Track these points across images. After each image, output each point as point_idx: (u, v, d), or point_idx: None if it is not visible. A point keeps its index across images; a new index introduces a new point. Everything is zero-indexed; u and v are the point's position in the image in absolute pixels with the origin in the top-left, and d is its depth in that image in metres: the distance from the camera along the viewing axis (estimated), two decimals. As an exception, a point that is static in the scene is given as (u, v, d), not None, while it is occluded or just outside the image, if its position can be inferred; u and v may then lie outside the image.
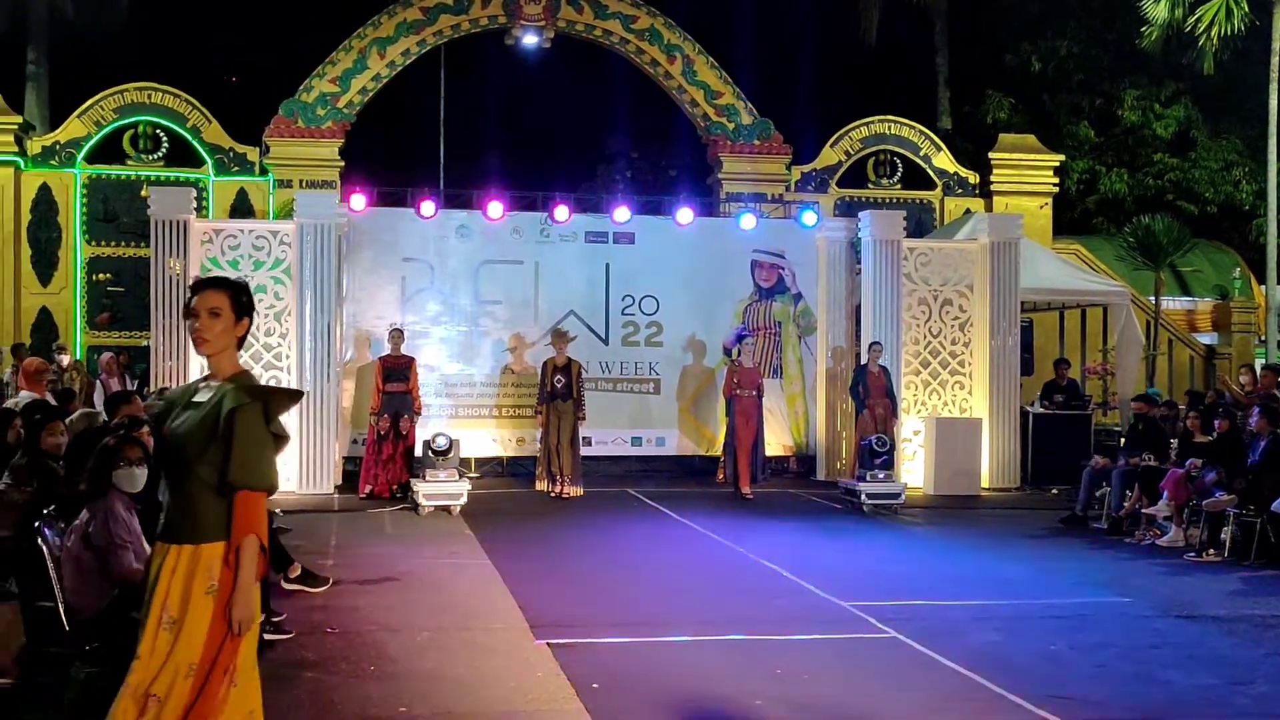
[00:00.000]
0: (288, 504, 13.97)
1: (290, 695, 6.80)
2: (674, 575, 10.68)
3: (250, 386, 4.57)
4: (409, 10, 20.49)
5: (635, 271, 17.52)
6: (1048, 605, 9.43)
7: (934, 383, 17.27)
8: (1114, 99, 28.26)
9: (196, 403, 4.54)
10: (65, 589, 6.21)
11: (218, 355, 4.63)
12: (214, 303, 4.60)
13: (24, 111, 21.87)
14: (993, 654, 7.85)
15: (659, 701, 6.78)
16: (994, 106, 28.18)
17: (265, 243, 15.72)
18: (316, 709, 6.62)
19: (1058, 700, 6.82)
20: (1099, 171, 28.42)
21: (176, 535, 4.52)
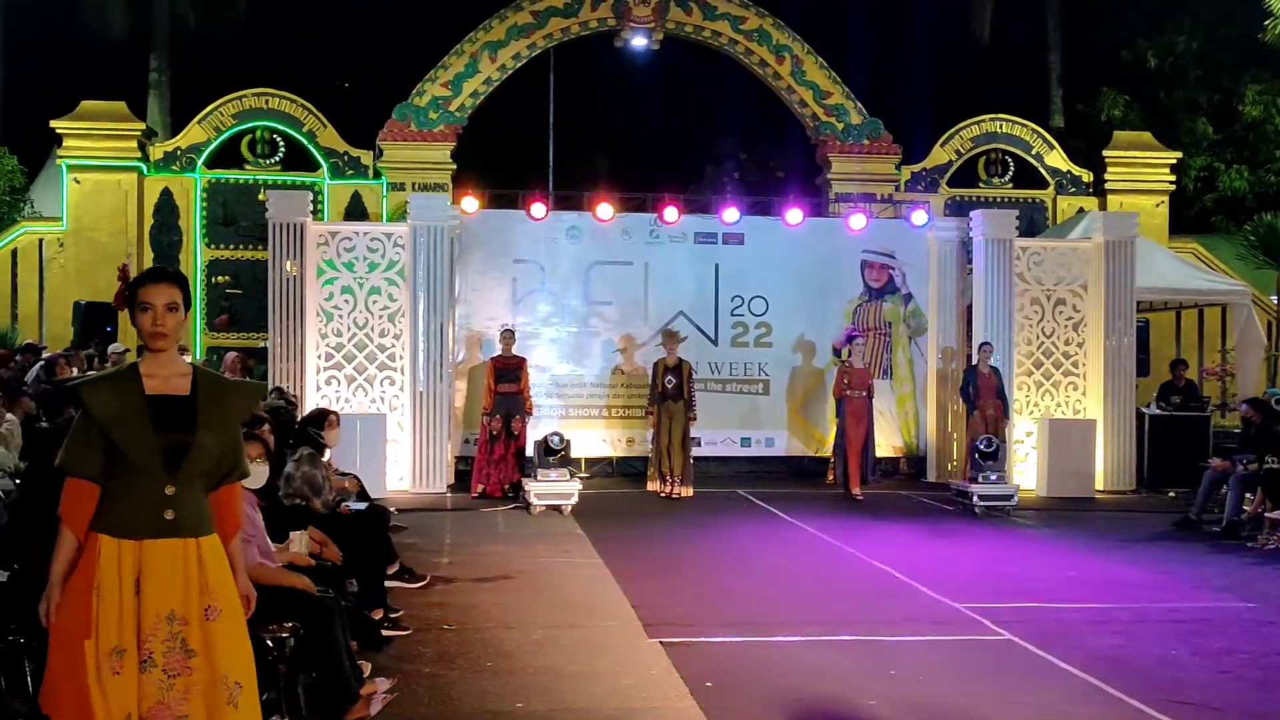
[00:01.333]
0: (402, 503, 14.20)
1: (409, 690, 6.93)
2: (785, 576, 10.66)
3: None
4: (520, 14, 20.67)
5: (744, 272, 17.51)
6: (1167, 609, 9.26)
7: (1047, 384, 17.02)
8: (1234, 94, 27.56)
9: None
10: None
11: (170, 350, 4.53)
12: (171, 296, 4.47)
13: (147, 118, 22.45)
14: (1111, 658, 7.74)
15: (772, 701, 6.78)
16: (1108, 104, 27.61)
17: (380, 245, 15.98)
18: (435, 703, 6.73)
19: (1180, 705, 6.71)
20: (1218, 169, 27.73)
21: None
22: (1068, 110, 27.28)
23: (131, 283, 4.58)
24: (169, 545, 4.37)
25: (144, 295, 4.46)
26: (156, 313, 4.44)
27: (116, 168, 20.23)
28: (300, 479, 8.65)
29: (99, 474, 4.38)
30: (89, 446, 4.37)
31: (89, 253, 20.07)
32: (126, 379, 4.48)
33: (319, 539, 7.84)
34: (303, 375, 15.61)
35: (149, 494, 4.37)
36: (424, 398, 15.67)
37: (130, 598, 4.33)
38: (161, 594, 4.33)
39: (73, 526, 4.37)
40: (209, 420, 4.48)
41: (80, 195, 20.18)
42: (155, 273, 4.56)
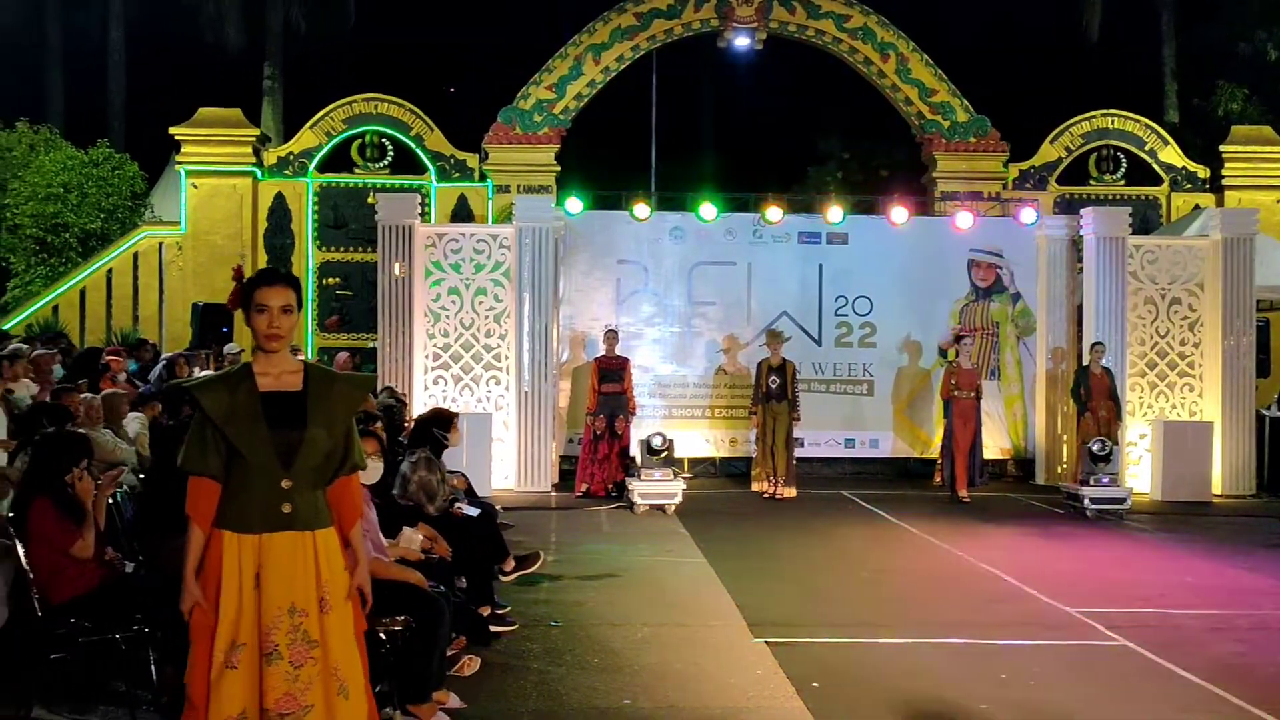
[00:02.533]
0: (507, 501, 14.32)
1: (517, 685, 7.00)
2: (890, 577, 10.58)
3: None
4: (623, 16, 20.74)
5: (848, 272, 17.40)
6: (1292, 617, 9.03)
7: (1161, 385, 16.67)
8: (1358, 87, 26.75)
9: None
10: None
11: (283, 350, 4.59)
12: (286, 299, 4.53)
13: (261, 124, 22.92)
14: (1232, 665, 7.56)
15: (880, 702, 6.74)
16: (1225, 98, 26.91)
17: (486, 246, 16.14)
18: (543, 698, 6.79)
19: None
20: (1342, 163, 26.93)
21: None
22: (1183, 105, 26.64)
23: (246, 284, 4.62)
24: (287, 538, 4.47)
25: (260, 297, 4.53)
26: (272, 315, 4.51)
27: (232, 173, 20.66)
28: (416, 483, 8.75)
29: (219, 472, 4.48)
30: (206, 445, 4.48)
31: (206, 255, 20.52)
32: (240, 378, 4.57)
33: (429, 535, 7.94)
34: (411, 375, 15.83)
35: (266, 489, 4.47)
36: (529, 397, 15.80)
37: (250, 592, 4.43)
38: (282, 587, 4.43)
39: (199, 523, 4.49)
40: (319, 414, 4.56)
41: (198, 200, 20.65)
42: (270, 274, 4.63)
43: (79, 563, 6.45)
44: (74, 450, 6.64)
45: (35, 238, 21.20)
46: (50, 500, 6.42)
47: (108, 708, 6.50)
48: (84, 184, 21.26)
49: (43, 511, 6.40)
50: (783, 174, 26.75)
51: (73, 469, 6.51)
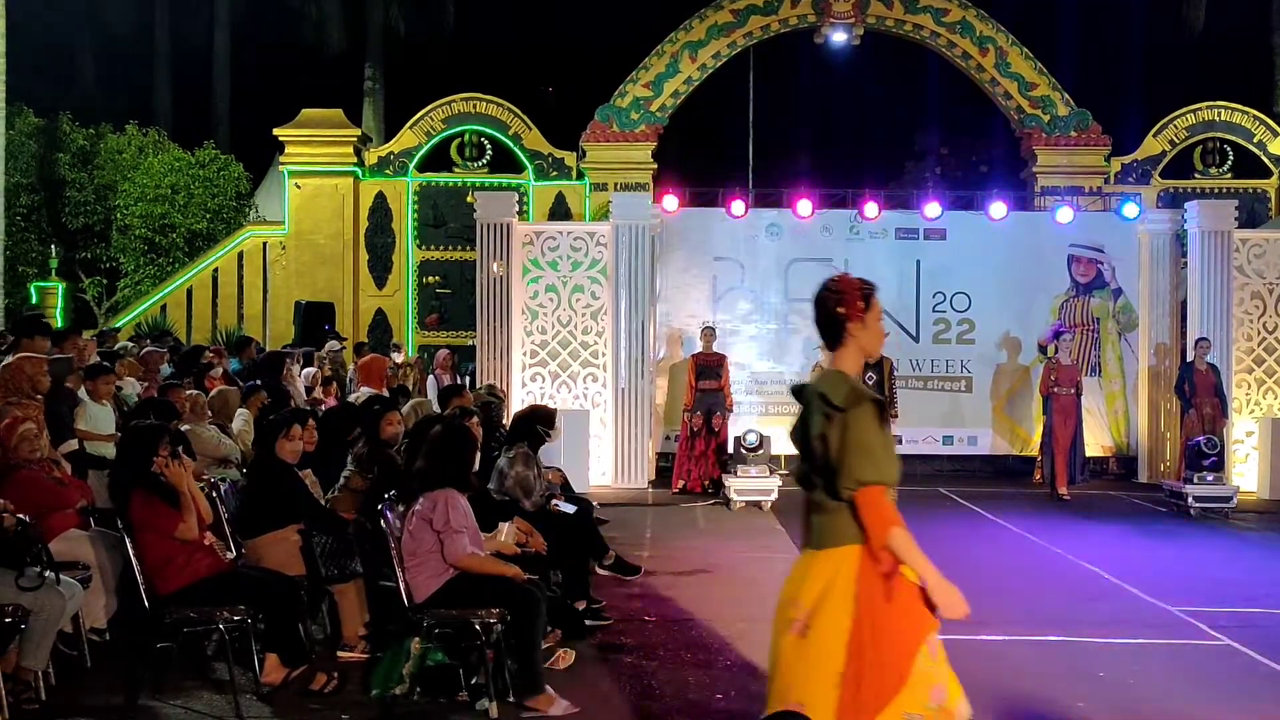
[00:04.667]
0: (604, 497, 14.42)
1: (612, 678, 7.08)
2: (988, 574, 10.45)
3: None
4: (719, 13, 20.75)
5: (946, 268, 17.26)
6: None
7: (1269, 381, 16.31)
8: None
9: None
10: (405, 569, 6.62)
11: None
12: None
13: (362, 125, 23.30)
14: (1339, 667, 7.41)
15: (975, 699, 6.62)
16: (1338, 86, 26.26)
17: (583, 244, 16.27)
18: (637, 692, 6.85)
19: None
20: None
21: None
22: (1292, 95, 26.01)
23: (862, 293, 4.48)
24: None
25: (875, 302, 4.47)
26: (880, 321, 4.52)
27: (334, 173, 21.03)
28: (513, 478, 8.89)
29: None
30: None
31: (309, 254, 20.92)
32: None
33: (525, 529, 8.05)
34: (509, 372, 16.00)
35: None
36: (625, 394, 15.90)
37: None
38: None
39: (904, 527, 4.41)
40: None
41: (300, 200, 21.04)
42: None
43: (186, 552, 6.64)
44: (154, 438, 6.82)
45: (144, 238, 21.80)
46: (144, 489, 6.62)
47: (213, 696, 6.68)
48: (190, 185, 21.81)
49: (140, 501, 6.61)
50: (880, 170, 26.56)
51: (155, 457, 6.69)
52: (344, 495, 8.06)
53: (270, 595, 6.79)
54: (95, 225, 22.60)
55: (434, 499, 6.60)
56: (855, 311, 4.41)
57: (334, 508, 7.84)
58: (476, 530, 6.83)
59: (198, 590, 6.59)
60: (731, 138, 24.94)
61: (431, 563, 6.61)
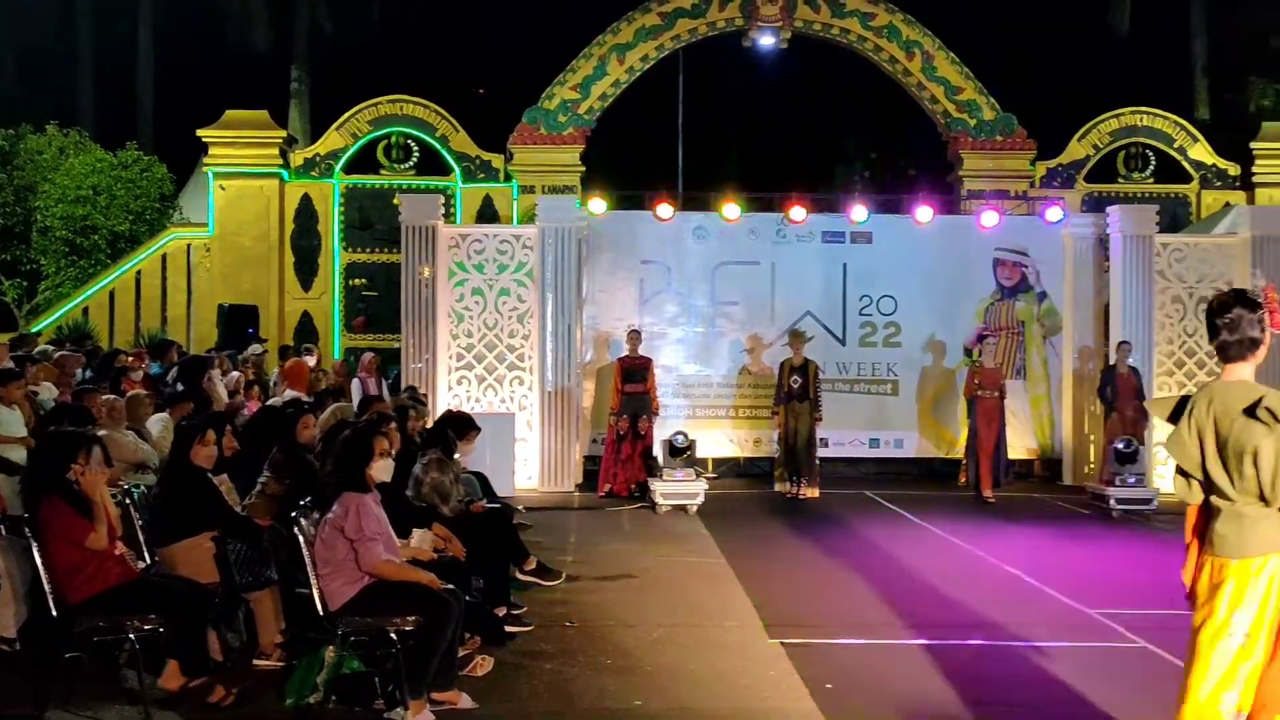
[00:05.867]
0: (530, 501, 14.37)
1: (530, 685, 7.01)
2: (911, 578, 10.52)
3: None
4: (647, 16, 20.73)
5: (873, 271, 17.33)
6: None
7: (1190, 384, 16.47)
8: (1392, 81, 26.51)
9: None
10: (319, 576, 6.52)
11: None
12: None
13: (288, 126, 23.06)
14: (1250, 667, 7.47)
15: (893, 703, 6.71)
16: (1257, 94, 26.75)
17: (509, 247, 16.17)
18: (555, 699, 6.80)
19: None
20: (1376, 160, 26.66)
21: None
22: (1213, 101, 26.47)
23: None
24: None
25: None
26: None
27: (259, 174, 20.78)
28: (429, 484, 8.80)
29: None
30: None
31: (233, 257, 20.66)
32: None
33: (444, 535, 7.97)
34: (435, 377, 15.87)
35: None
36: (552, 397, 15.83)
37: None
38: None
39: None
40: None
41: (225, 201, 20.77)
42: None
43: (96, 560, 6.50)
44: (72, 446, 6.68)
45: (65, 240, 21.42)
46: (58, 496, 6.47)
47: (124, 707, 6.55)
48: (113, 186, 21.47)
49: (52, 508, 6.46)
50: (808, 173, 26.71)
51: (73, 465, 6.54)
52: (260, 501, 7.94)
53: (180, 603, 6.67)
54: (15, 227, 22.19)
55: (346, 506, 6.50)
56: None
57: (250, 514, 7.72)
58: (391, 536, 6.75)
59: (108, 599, 6.47)
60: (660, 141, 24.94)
61: (346, 570, 6.52)
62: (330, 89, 24.90)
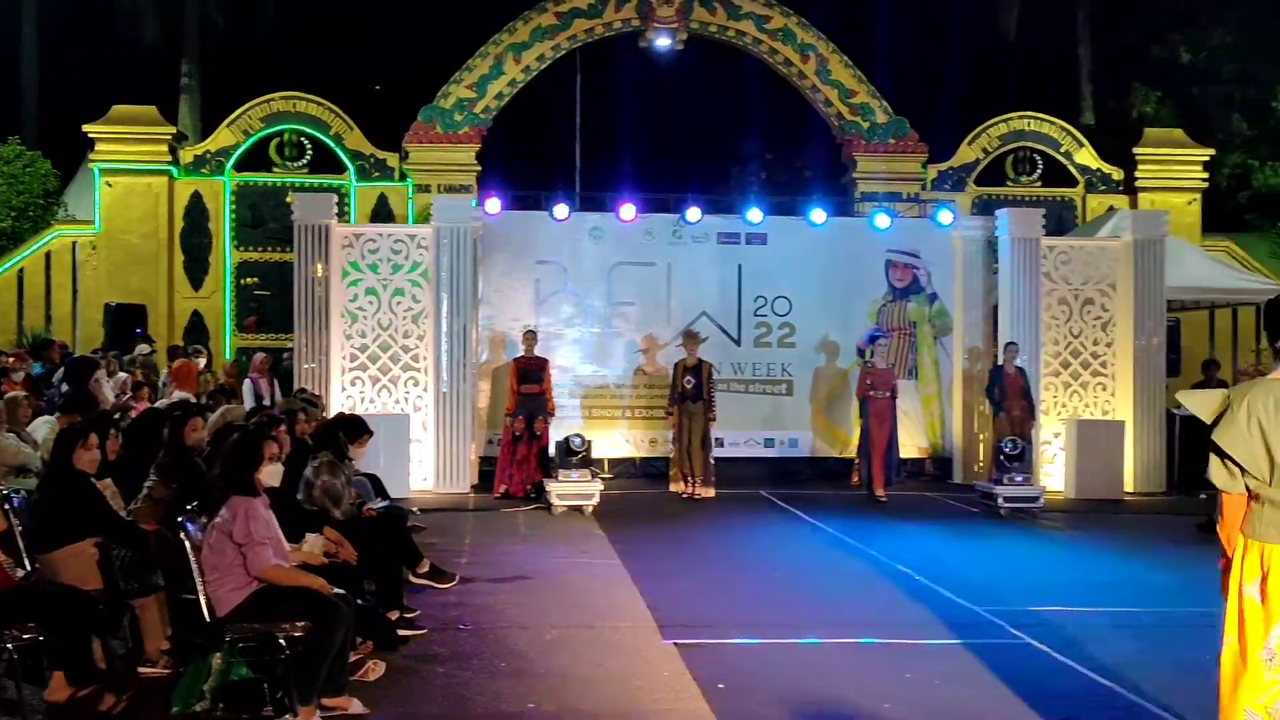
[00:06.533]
0: (425, 503, 14.26)
1: (423, 689, 6.96)
2: (804, 577, 10.63)
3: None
4: (544, 16, 20.70)
5: (768, 272, 17.46)
6: (1192, 613, 9.10)
7: (1075, 384, 16.88)
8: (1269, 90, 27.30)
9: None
10: (206, 582, 6.41)
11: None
12: None
13: (177, 123, 22.64)
14: (1132, 663, 7.65)
15: (784, 703, 6.76)
16: (1140, 100, 27.43)
17: (403, 246, 16.03)
18: (448, 703, 6.75)
19: (1202, 711, 6.61)
20: (1252, 166, 27.46)
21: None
22: (1098, 107, 27.12)
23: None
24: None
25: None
26: None
27: (147, 171, 20.42)
28: (320, 488, 8.68)
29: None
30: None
31: (121, 255, 20.26)
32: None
33: (335, 539, 7.87)
34: (328, 377, 15.67)
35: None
36: (447, 398, 15.72)
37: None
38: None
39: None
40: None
41: (112, 198, 20.36)
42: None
43: (-29, 570, 6.33)
44: None
45: (-56, 237, 20.82)
46: None
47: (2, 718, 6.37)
48: (-6, 182, 20.91)
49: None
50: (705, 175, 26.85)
51: None
52: (146, 505, 7.79)
53: (62, 612, 6.51)
54: (-109, 223, 21.53)
55: (234, 510, 6.40)
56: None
57: (135, 519, 7.56)
58: (280, 540, 6.65)
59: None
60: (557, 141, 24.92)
61: (234, 575, 6.42)
62: (222, 85, 24.50)
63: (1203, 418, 5.04)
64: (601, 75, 25.13)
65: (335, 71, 25.62)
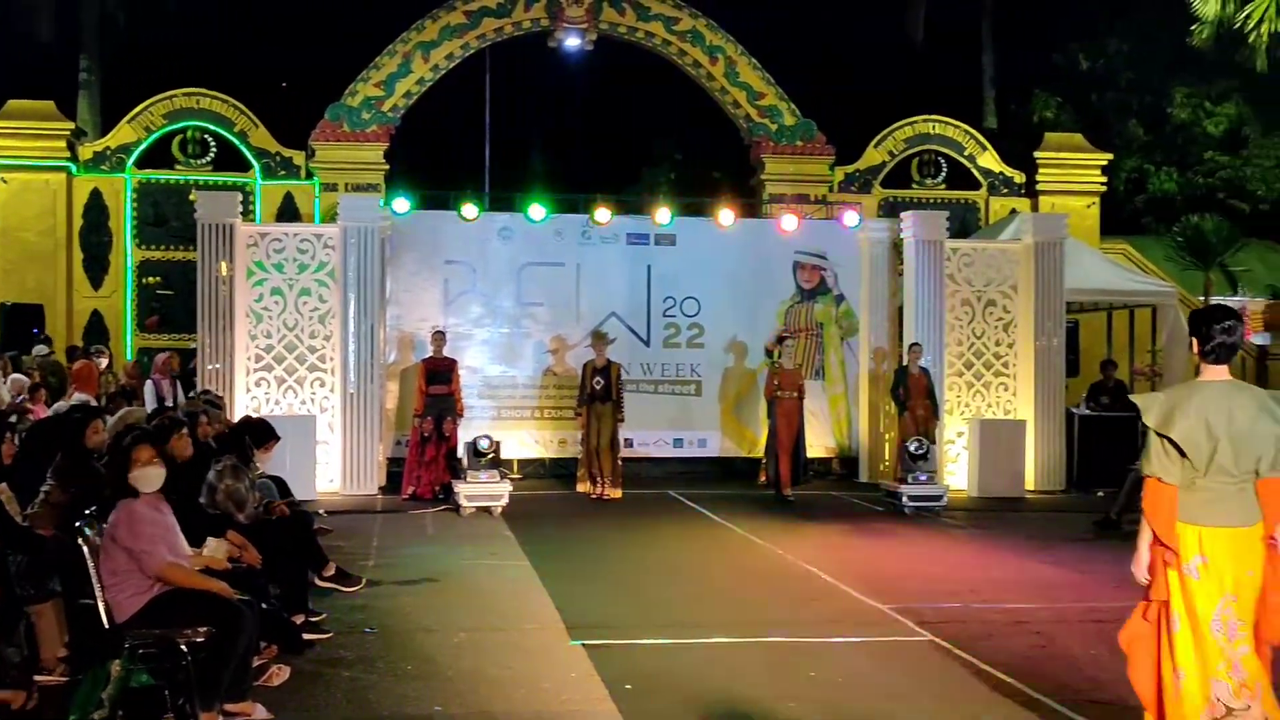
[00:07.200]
0: (332, 505, 14.15)
1: (328, 694, 6.91)
2: (712, 577, 10.70)
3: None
4: (452, 14, 20.60)
5: (677, 273, 17.54)
6: (1089, 609, 9.34)
7: (977, 384, 17.16)
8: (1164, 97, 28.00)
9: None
10: (105, 588, 6.31)
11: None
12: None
13: (76, 118, 22.19)
14: (1031, 658, 7.81)
15: (691, 703, 6.80)
16: (1040, 105, 28.00)
17: (310, 246, 15.87)
18: (353, 707, 6.71)
19: (1097, 705, 6.78)
20: (1148, 170, 28.17)
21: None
22: (1001, 112, 27.59)
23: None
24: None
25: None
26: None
27: (45, 167, 20.00)
28: (223, 492, 8.55)
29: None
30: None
31: (16, 253, 19.82)
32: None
33: (238, 543, 7.76)
34: (232, 378, 15.46)
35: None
36: (354, 399, 15.59)
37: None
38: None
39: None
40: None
41: (7, 195, 19.91)
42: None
43: None
44: None
45: None
46: None
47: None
48: (-117, 179, 20.33)
49: None
50: (616, 175, 26.87)
51: None
52: (43, 510, 7.63)
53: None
54: None
55: (117, 515, 6.30)
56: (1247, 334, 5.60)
57: (32, 524, 7.41)
58: (175, 542, 6.54)
59: None
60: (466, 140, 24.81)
61: (133, 580, 6.31)
62: (123, 81, 24.03)
63: (1149, 416, 5.46)
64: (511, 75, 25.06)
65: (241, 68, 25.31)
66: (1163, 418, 5.42)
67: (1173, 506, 5.40)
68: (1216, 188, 27.80)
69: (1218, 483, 5.37)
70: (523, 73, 25.83)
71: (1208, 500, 5.38)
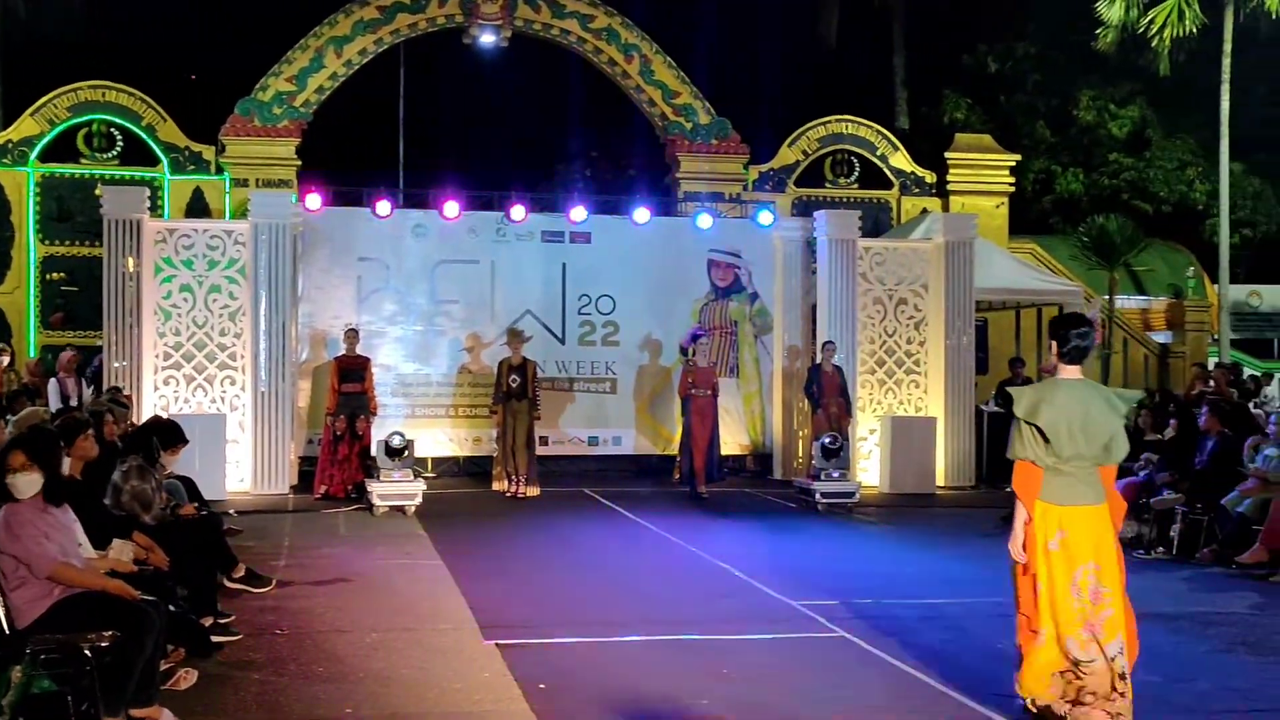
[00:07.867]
0: (242, 504, 13.99)
1: (237, 697, 6.82)
2: (627, 575, 10.72)
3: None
4: (366, 9, 20.41)
5: (592, 271, 17.54)
6: (996, 604, 9.40)
7: (889, 382, 17.35)
8: (1070, 99, 28.50)
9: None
10: (6, 593, 6.17)
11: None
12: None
13: (-25, 111, 21.71)
14: (940, 653, 7.91)
15: (605, 701, 6.81)
16: (951, 107, 28.37)
17: (220, 242, 15.65)
18: (263, 710, 6.62)
19: (1002, 699, 6.88)
20: (1055, 171, 28.65)
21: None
22: (912, 112, 27.92)
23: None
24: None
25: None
26: None
27: (-57, 160, 19.52)
28: (129, 492, 8.41)
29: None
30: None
31: (-87, 248, 19.34)
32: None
33: (144, 544, 7.64)
34: (139, 375, 15.21)
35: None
36: (266, 397, 15.41)
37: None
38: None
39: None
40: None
41: (-96, 189, 19.41)
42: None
43: None
44: None
45: None
46: None
47: None
48: None
49: None
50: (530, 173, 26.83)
51: None
52: (-60, 513, 7.42)
53: None
54: None
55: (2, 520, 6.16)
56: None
57: (-72, 527, 7.22)
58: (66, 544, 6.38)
59: None
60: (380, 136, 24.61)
61: (34, 585, 6.18)
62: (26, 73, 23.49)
63: (1019, 406, 6.22)
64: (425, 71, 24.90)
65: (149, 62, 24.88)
66: (1030, 408, 6.15)
67: (1033, 486, 6.20)
68: (1121, 189, 28.36)
69: (1074, 466, 6.14)
70: (437, 69, 25.70)
71: (1067, 483, 6.16)
